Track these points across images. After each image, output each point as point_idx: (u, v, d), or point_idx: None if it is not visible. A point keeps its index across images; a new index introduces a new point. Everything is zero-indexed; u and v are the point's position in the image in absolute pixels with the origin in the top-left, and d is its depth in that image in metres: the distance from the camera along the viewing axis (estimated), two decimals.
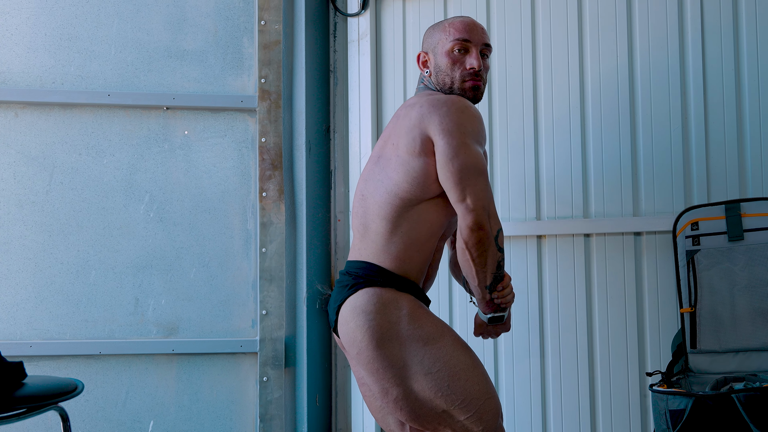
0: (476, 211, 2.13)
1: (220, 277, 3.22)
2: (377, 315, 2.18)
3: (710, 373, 2.66)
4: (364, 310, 2.20)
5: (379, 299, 2.20)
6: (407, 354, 2.17)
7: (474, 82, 2.32)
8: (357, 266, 2.28)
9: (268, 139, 3.24)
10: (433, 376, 2.15)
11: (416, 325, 2.19)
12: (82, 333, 3.13)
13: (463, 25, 2.34)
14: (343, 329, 2.24)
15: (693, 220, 2.73)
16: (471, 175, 2.15)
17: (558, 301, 3.01)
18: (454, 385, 2.15)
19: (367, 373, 2.23)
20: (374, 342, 2.17)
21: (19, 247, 3.12)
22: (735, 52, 2.84)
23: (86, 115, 3.20)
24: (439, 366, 2.15)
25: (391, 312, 2.19)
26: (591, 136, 3.00)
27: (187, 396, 3.17)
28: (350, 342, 2.23)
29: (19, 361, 2.13)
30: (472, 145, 2.18)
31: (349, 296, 2.24)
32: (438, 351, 2.17)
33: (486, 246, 2.13)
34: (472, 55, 2.32)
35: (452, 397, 2.15)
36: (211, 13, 3.28)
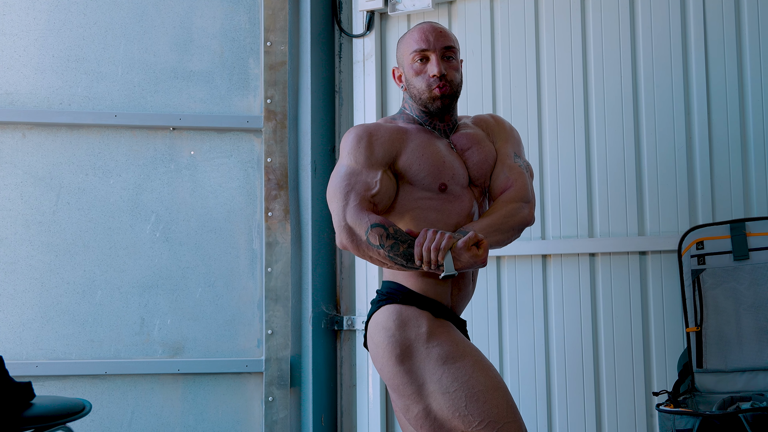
0: (337, 234, 2.26)
1: (225, 297, 3.23)
2: (396, 331, 2.21)
3: (717, 392, 2.65)
4: (384, 326, 2.23)
5: (398, 316, 2.23)
6: (426, 372, 2.17)
7: (439, 89, 2.33)
8: (384, 286, 2.34)
9: (274, 159, 3.26)
10: (450, 395, 2.15)
11: (435, 343, 2.19)
12: (88, 353, 3.13)
13: (420, 33, 2.36)
14: (370, 345, 2.29)
15: (698, 240, 2.74)
16: (330, 199, 2.29)
17: (563, 320, 3.01)
18: (471, 406, 2.14)
19: (389, 389, 2.25)
20: (393, 358, 2.19)
21: (25, 267, 3.13)
22: (738, 72, 2.85)
23: (93, 135, 3.22)
24: (456, 386, 2.15)
25: (411, 329, 2.21)
26: (596, 155, 3.01)
27: (193, 416, 3.17)
28: (374, 358, 2.27)
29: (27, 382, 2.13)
30: (339, 167, 2.30)
31: (374, 313, 2.29)
32: (457, 371, 2.16)
33: (363, 255, 2.24)
34: (432, 63, 2.33)
35: (469, 418, 2.13)
36: (218, 35, 3.30)
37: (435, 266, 2.14)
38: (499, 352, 3.10)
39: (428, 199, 2.30)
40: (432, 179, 2.30)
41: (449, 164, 2.32)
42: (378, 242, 2.18)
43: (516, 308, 3.07)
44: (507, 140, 2.46)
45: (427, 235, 2.16)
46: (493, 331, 3.10)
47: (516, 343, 3.08)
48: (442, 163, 2.31)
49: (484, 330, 3.11)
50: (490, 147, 2.43)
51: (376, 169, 2.27)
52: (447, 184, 2.31)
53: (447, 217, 2.30)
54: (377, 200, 2.26)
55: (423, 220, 2.29)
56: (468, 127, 2.47)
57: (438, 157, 2.32)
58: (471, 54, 3.21)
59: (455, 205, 2.32)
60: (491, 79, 3.19)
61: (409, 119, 2.41)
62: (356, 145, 2.28)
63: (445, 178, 2.31)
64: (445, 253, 2.13)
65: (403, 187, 2.31)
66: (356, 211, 2.22)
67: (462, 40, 3.21)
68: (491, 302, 3.12)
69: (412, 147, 2.31)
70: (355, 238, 2.21)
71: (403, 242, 2.18)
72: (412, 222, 2.29)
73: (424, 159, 2.30)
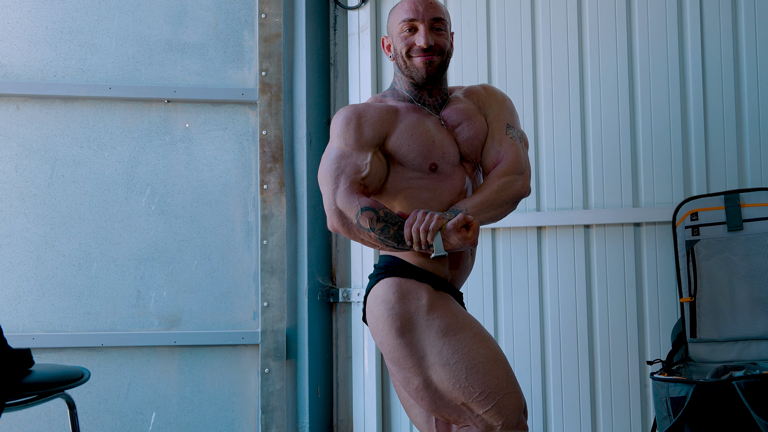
0: (328, 217, 2.29)
1: (221, 270, 3.23)
2: (396, 304, 2.22)
3: (710, 362, 2.68)
4: (384, 299, 2.24)
5: (398, 288, 2.24)
6: (426, 344, 2.19)
7: (425, 57, 2.32)
8: (381, 260, 2.35)
9: (269, 132, 3.25)
10: (451, 367, 2.16)
11: (435, 316, 2.21)
12: (84, 325, 3.14)
13: (410, 3, 2.36)
14: (369, 318, 2.30)
15: (692, 211, 2.75)
16: (321, 182, 2.33)
17: (558, 292, 3.03)
18: (471, 377, 2.15)
19: (389, 362, 2.26)
20: (394, 331, 2.21)
21: (21, 240, 3.13)
22: (734, 44, 2.85)
23: (87, 108, 3.21)
24: (457, 358, 2.16)
25: (411, 302, 2.22)
26: (591, 127, 3.02)
27: (189, 388, 3.18)
28: (374, 330, 2.28)
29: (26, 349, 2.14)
30: (329, 149, 2.32)
31: (373, 287, 2.30)
32: (457, 342, 2.18)
33: (355, 237, 2.26)
34: (420, 33, 2.33)
35: (470, 390, 2.15)
36: (212, 7, 3.29)
37: (425, 247, 2.15)
38: (494, 323, 3.11)
39: (419, 179, 2.31)
40: (422, 159, 2.30)
41: (439, 143, 2.32)
42: (368, 225, 2.19)
43: (511, 280, 3.09)
44: (499, 111, 2.44)
45: (417, 216, 2.16)
46: (488, 302, 3.12)
47: (511, 315, 3.09)
48: (431, 143, 2.31)
49: (479, 301, 3.13)
50: (482, 121, 2.42)
51: (366, 150, 2.27)
52: (437, 164, 2.31)
53: (439, 195, 2.31)
54: (367, 182, 2.27)
55: (415, 199, 2.30)
56: (459, 101, 2.45)
57: (428, 137, 2.32)
58: (466, 25, 3.20)
59: (447, 183, 2.33)
60: (486, 50, 3.18)
61: (399, 96, 2.41)
62: (345, 126, 2.29)
63: (435, 157, 2.31)
64: (435, 234, 2.13)
65: (394, 167, 2.32)
66: (347, 194, 2.23)
67: (457, 12, 3.20)
68: (486, 274, 3.13)
69: (401, 127, 2.31)
70: (345, 222, 2.23)
71: (393, 225, 2.19)
72: (404, 201, 2.30)
73: (414, 139, 2.30)
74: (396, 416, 3.25)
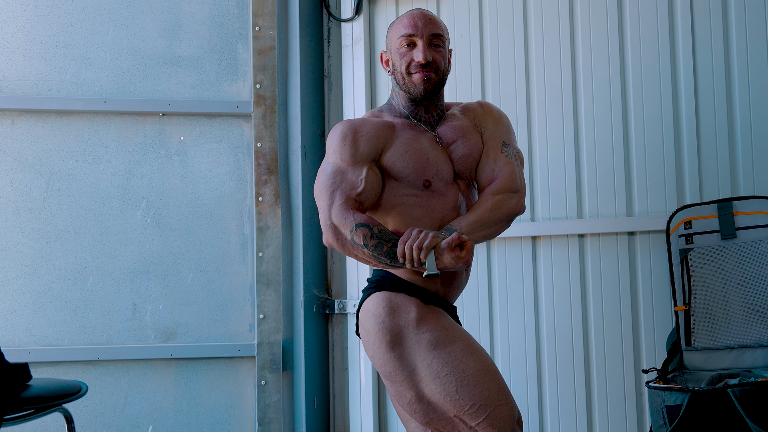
0: (323, 232, 2.28)
1: (217, 282, 3.24)
2: (387, 318, 2.22)
3: (705, 369, 2.68)
4: (374, 313, 2.25)
5: (388, 303, 2.24)
6: (416, 358, 2.19)
7: (423, 74, 2.33)
8: (374, 274, 2.36)
9: (264, 144, 3.26)
10: (441, 380, 2.16)
11: (425, 329, 2.21)
12: (81, 339, 3.13)
13: (409, 19, 2.36)
14: (361, 332, 2.31)
15: (686, 219, 2.76)
16: (317, 197, 2.33)
17: (553, 301, 3.04)
18: (462, 390, 2.15)
19: (382, 376, 2.26)
20: (385, 345, 2.21)
21: (16, 254, 3.13)
22: (725, 52, 2.87)
23: (82, 122, 3.21)
24: (447, 371, 2.17)
25: (400, 316, 2.22)
26: (584, 137, 3.03)
27: (186, 400, 3.18)
28: (365, 345, 2.28)
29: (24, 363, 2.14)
30: (325, 164, 2.33)
31: (364, 300, 2.31)
32: (447, 356, 2.18)
33: (349, 253, 2.26)
34: (418, 49, 2.33)
35: (461, 402, 2.15)
36: (206, 20, 3.30)
37: (418, 264, 2.15)
38: (489, 333, 3.12)
39: (413, 195, 2.31)
40: (416, 176, 2.31)
41: (433, 161, 2.33)
42: (362, 242, 2.20)
43: (506, 289, 3.10)
44: (495, 129, 2.44)
45: (411, 233, 2.16)
46: (483, 312, 3.13)
47: (506, 324, 3.10)
48: (426, 160, 2.32)
49: (474, 311, 3.14)
50: (477, 139, 2.43)
51: (361, 166, 2.28)
52: (431, 181, 2.32)
53: (432, 212, 2.32)
54: (363, 198, 2.27)
55: (408, 216, 2.31)
56: (455, 118, 2.46)
57: (422, 154, 2.32)
58: (459, 38, 3.22)
59: (440, 201, 2.33)
60: (480, 63, 3.20)
61: (395, 112, 2.41)
62: (341, 142, 2.29)
63: (429, 175, 2.32)
64: (428, 252, 2.13)
65: (389, 182, 2.33)
66: (341, 210, 2.24)
67: (450, 25, 3.22)
68: (481, 284, 3.14)
69: (397, 144, 2.32)
70: (340, 237, 2.23)
71: (387, 242, 2.19)
72: (398, 217, 2.31)
73: (409, 156, 2.31)
74: (392, 428, 3.25)
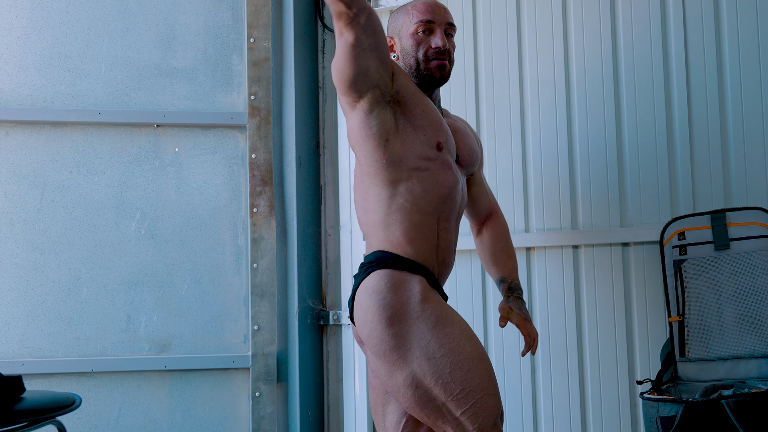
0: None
1: (211, 293, 3.23)
2: (388, 294, 2.17)
3: (699, 380, 2.69)
4: (375, 290, 2.18)
5: (390, 279, 2.18)
6: (414, 335, 2.14)
7: (440, 61, 2.34)
8: (369, 257, 2.28)
9: (259, 156, 3.27)
10: (435, 361, 2.12)
11: (427, 307, 2.17)
12: (74, 351, 3.13)
13: (426, 6, 2.36)
14: (357, 312, 2.23)
15: (679, 230, 2.77)
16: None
17: (547, 312, 3.04)
18: (455, 373, 2.11)
19: (375, 356, 2.20)
20: (384, 321, 2.15)
21: (10, 265, 3.12)
22: (717, 64, 2.88)
23: (77, 133, 3.21)
24: (443, 352, 2.12)
25: (402, 292, 2.17)
26: (578, 148, 3.04)
27: (180, 412, 3.18)
28: (362, 323, 2.21)
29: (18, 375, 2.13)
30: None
31: (363, 280, 2.23)
32: (444, 337, 2.14)
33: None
34: (436, 35, 2.34)
35: (451, 386, 2.11)
36: (201, 31, 3.31)
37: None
38: (484, 342, 3.12)
39: (426, 159, 2.26)
40: (431, 132, 2.28)
41: (444, 128, 2.33)
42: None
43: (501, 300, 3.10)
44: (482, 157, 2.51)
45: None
46: (478, 323, 3.13)
47: (501, 335, 3.10)
48: (440, 122, 2.32)
49: (469, 322, 3.13)
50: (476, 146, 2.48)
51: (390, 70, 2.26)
52: (443, 145, 2.30)
53: (439, 188, 2.28)
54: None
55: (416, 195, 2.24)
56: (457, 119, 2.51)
57: (436, 114, 2.32)
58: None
59: (447, 175, 2.30)
60: (474, 73, 3.21)
61: None
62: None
63: (441, 137, 2.30)
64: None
65: (406, 132, 2.27)
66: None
67: None
68: (476, 295, 3.14)
69: (417, 95, 2.31)
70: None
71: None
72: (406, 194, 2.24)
73: (426, 110, 2.30)
74: None
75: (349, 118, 2.29)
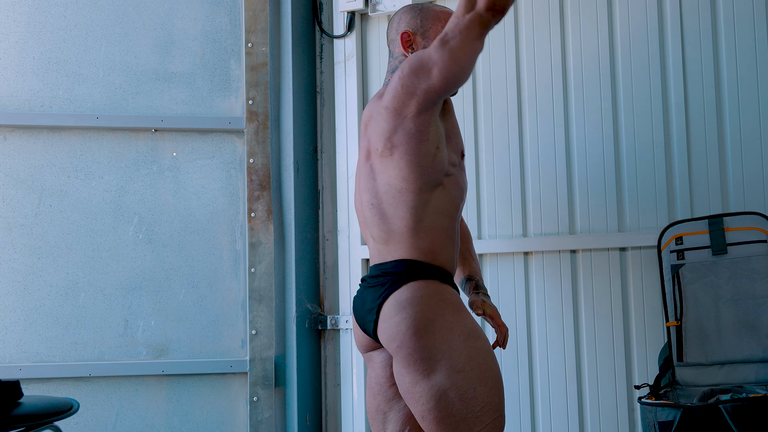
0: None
1: (209, 298, 3.23)
2: (423, 306, 2.13)
3: (697, 385, 2.69)
4: (410, 302, 2.14)
5: (426, 291, 2.15)
6: (446, 347, 2.11)
7: None
8: (394, 266, 2.21)
9: (256, 160, 3.27)
10: (464, 374, 2.09)
11: (458, 319, 2.14)
12: (72, 355, 3.12)
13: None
14: (385, 325, 2.17)
15: (677, 235, 2.77)
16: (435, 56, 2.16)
17: (545, 316, 3.04)
18: (479, 389, 2.09)
19: (403, 365, 2.14)
20: (418, 333, 2.11)
21: (7, 270, 3.12)
22: (715, 70, 2.89)
23: (75, 137, 3.21)
24: (471, 365, 2.10)
25: (437, 303, 2.15)
26: (575, 153, 3.04)
27: (178, 417, 3.17)
28: (392, 336, 2.14)
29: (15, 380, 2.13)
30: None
31: (392, 292, 2.17)
32: (474, 350, 2.12)
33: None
34: None
35: (474, 402, 2.08)
36: (199, 36, 3.31)
37: None
38: None
39: (452, 165, 2.27)
40: (458, 139, 2.33)
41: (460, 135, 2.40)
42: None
43: (498, 305, 3.10)
44: None
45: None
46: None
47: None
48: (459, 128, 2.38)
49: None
50: None
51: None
52: (464, 152, 2.35)
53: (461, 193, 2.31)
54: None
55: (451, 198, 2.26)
56: None
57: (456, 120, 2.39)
58: None
59: (464, 178, 2.35)
60: (471, 79, 3.21)
61: None
62: None
63: (461, 144, 2.35)
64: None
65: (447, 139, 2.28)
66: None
67: None
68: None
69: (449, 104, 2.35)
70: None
71: None
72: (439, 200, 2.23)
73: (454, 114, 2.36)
74: None
75: (405, 121, 2.19)
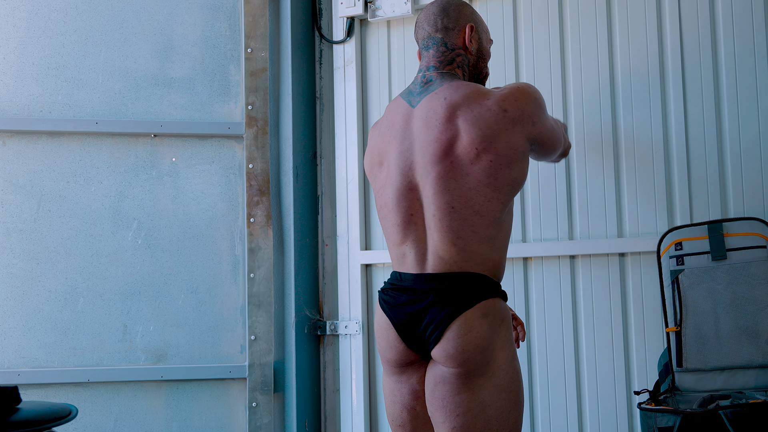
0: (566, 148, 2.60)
1: (208, 303, 3.23)
2: (494, 327, 2.11)
3: (697, 391, 2.68)
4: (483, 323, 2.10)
5: (497, 309, 2.14)
6: (497, 366, 2.10)
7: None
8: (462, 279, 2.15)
9: (256, 166, 3.27)
10: (505, 395, 2.09)
11: (510, 338, 2.16)
12: (71, 361, 3.12)
13: None
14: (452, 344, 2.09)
15: (676, 241, 2.77)
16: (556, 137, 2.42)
17: (544, 322, 3.04)
18: (513, 413, 2.10)
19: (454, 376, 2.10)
20: (481, 350, 2.08)
21: (6, 275, 3.12)
22: (714, 75, 2.89)
23: (74, 143, 3.21)
24: (512, 387, 2.10)
25: (500, 323, 2.14)
26: (574, 158, 3.04)
27: (176, 423, 3.17)
28: (459, 351, 2.08)
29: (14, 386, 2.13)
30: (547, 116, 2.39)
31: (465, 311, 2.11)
32: (515, 373, 2.13)
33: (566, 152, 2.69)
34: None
35: (505, 425, 2.08)
36: (198, 42, 3.31)
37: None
38: None
39: None
40: None
41: None
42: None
43: None
44: None
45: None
46: None
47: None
48: None
49: None
50: None
51: None
52: None
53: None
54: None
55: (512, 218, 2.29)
56: None
57: None
58: None
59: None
60: None
61: None
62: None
63: None
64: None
65: None
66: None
67: None
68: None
69: None
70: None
71: None
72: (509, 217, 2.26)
73: None
74: None
75: (522, 139, 2.21)
